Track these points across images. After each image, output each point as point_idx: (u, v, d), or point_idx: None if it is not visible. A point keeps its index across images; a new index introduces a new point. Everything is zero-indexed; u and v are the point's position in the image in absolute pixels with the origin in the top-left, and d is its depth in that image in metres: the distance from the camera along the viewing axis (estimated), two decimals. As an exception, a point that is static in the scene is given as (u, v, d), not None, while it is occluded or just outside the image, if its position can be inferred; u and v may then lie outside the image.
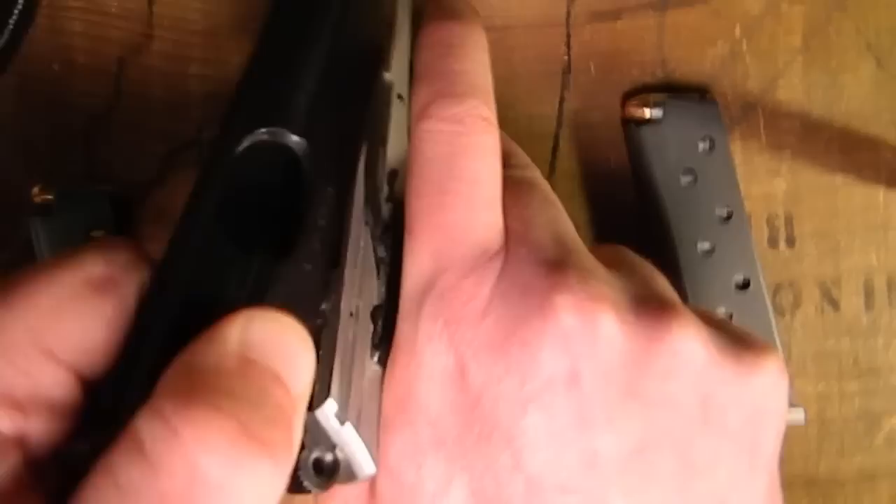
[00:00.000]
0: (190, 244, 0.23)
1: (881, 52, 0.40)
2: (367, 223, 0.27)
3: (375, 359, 0.27)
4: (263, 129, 0.25)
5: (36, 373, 0.21)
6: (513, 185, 0.29)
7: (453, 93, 0.28)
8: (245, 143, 0.25)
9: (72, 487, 0.18)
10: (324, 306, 0.24)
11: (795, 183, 0.41)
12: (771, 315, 0.39)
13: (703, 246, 0.39)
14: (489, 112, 0.29)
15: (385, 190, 0.29)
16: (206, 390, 0.19)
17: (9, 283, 0.22)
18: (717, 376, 0.26)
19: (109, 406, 0.21)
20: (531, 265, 0.26)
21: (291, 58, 0.27)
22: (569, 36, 0.40)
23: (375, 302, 0.27)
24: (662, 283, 0.30)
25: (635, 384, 0.25)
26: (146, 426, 0.18)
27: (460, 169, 0.27)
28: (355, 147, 0.28)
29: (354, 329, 0.26)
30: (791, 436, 0.41)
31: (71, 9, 0.39)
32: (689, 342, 0.26)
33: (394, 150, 0.30)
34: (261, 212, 0.25)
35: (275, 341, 0.21)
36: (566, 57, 0.40)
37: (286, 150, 0.25)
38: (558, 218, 0.29)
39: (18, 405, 0.20)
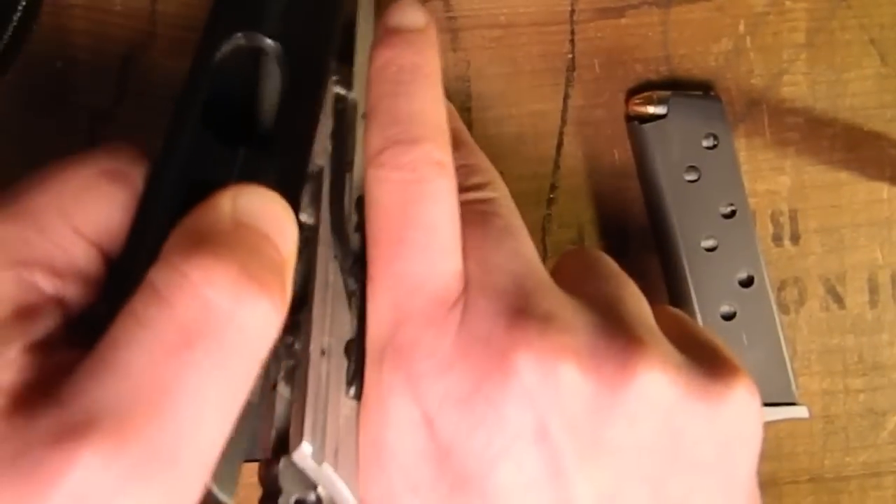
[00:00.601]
0: (180, 143, 0.26)
1: (885, 48, 0.40)
2: (335, 256, 0.28)
3: (351, 393, 0.27)
4: (240, 34, 0.27)
5: (69, 246, 0.24)
6: (471, 216, 0.28)
7: (405, 139, 0.28)
8: (224, 49, 0.27)
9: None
10: (303, 201, 0.27)
11: (800, 179, 0.41)
12: (775, 312, 0.39)
13: (707, 242, 0.39)
14: (442, 154, 0.28)
15: (354, 218, 0.29)
16: (207, 242, 0.22)
17: (38, 173, 0.25)
18: (687, 412, 0.26)
19: (124, 271, 0.24)
20: (491, 317, 0.26)
21: None
22: (573, 33, 0.40)
23: (348, 336, 0.28)
24: (632, 303, 0.29)
25: (603, 431, 0.25)
26: (159, 275, 0.21)
27: (415, 218, 0.27)
28: (327, 54, 0.29)
29: (328, 367, 0.26)
30: (796, 432, 0.41)
31: (74, 7, 0.39)
32: (654, 384, 0.26)
33: (362, 173, 0.30)
34: (243, 112, 0.28)
35: (263, 209, 0.24)
36: (570, 54, 0.40)
37: (262, 52, 0.28)
38: (518, 250, 0.28)
39: (57, 272, 0.24)
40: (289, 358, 0.26)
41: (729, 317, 0.38)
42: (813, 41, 0.40)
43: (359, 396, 0.27)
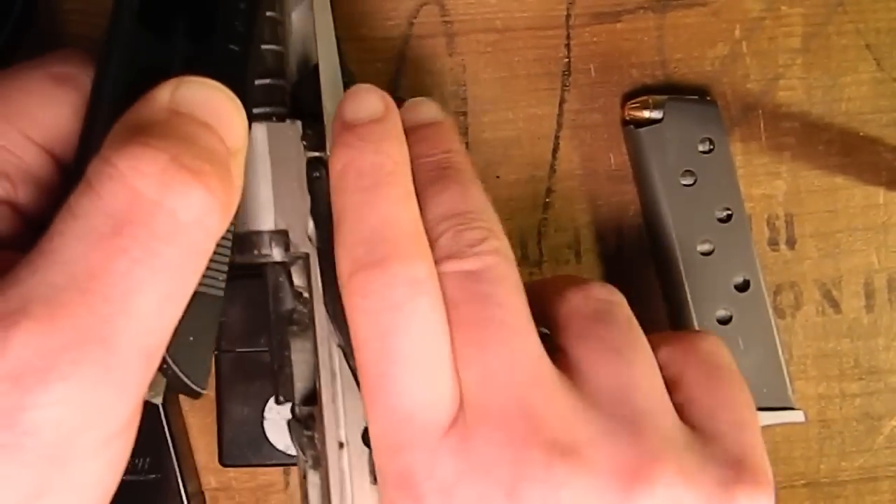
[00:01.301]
0: (118, 41, 0.26)
1: (881, 53, 0.41)
2: (338, 344, 0.28)
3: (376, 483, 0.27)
4: None
5: (18, 150, 0.25)
6: (465, 308, 0.26)
7: (371, 262, 0.26)
8: None
9: None
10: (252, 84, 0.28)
11: (796, 184, 0.41)
12: (771, 316, 0.39)
13: (703, 247, 0.39)
14: (415, 268, 0.26)
15: None
16: (139, 133, 0.22)
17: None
18: None
19: (76, 174, 0.24)
20: (494, 447, 0.25)
21: None
22: (569, 37, 0.40)
23: (363, 424, 0.27)
24: (644, 390, 0.27)
25: None
26: (93, 168, 0.22)
27: (393, 351, 0.25)
28: None
29: (348, 457, 0.26)
30: (792, 437, 0.41)
31: (70, 11, 0.39)
32: (669, 498, 0.25)
33: None
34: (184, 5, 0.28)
35: (203, 99, 0.24)
36: (566, 58, 0.40)
37: None
38: (518, 350, 0.26)
39: (7, 176, 0.25)
40: (312, 449, 0.27)
41: (725, 321, 0.38)
42: (809, 46, 0.40)
43: None
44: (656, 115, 0.39)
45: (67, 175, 0.26)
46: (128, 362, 0.22)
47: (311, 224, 0.28)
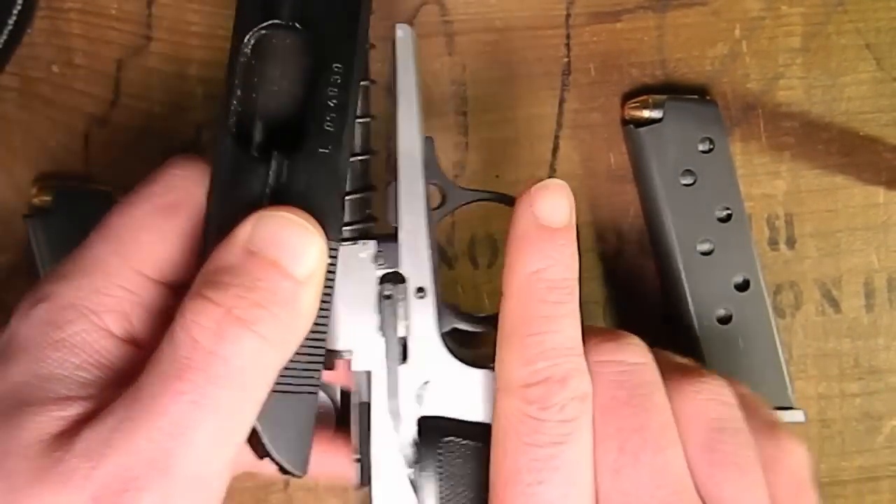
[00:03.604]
0: (221, 165, 0.29)
1: (881, 53, 0.41)
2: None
3: None
4: (262, 26, 0.29)
5: (134, 288, 0.28)
6: (622, 427, 0.28)
7: (556, 377, 0.28)
8: (250, 42, 0.29)
9: None
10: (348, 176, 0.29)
11: (795, 183, 0.41)
12: (771, 316, 0.39)
13: (703, 246, 0.39)
14: (586, 384, 0.28)
15: (415, 409, 0.30)
16: (207, 285, 0.26)
17: (100, 223, 0.29)
18: None
19: None
20: None
21: None
22: (568, 37, 0.40)
23: None
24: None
25: None
26: (175, 319, 0.26)
27: (561, 461, 0.27)
28: (357, 27, 0.30)
29: None
30: (792, 437, 0.41)
31: (70, 11, 0.39)
32: None
33: (420, 355, 0.30)
34: (280, 114, 0.30)
35: (275, 234, 0.27)
36: (566, 58, 0.40)
37: (287, 39, 0.29)
38: (668, 474, 0.28)
39: (126, 316, 0.28)
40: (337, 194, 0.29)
41: (725, 320, 0.38)
42: (808, 46, 0.40)
43: None
44: (656, 114, 0.39)
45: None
46: (185, 489, 0.25)
47: (381, 342, 0.30)
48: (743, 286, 0.39)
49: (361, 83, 0.30)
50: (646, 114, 0.39)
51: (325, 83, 0.29)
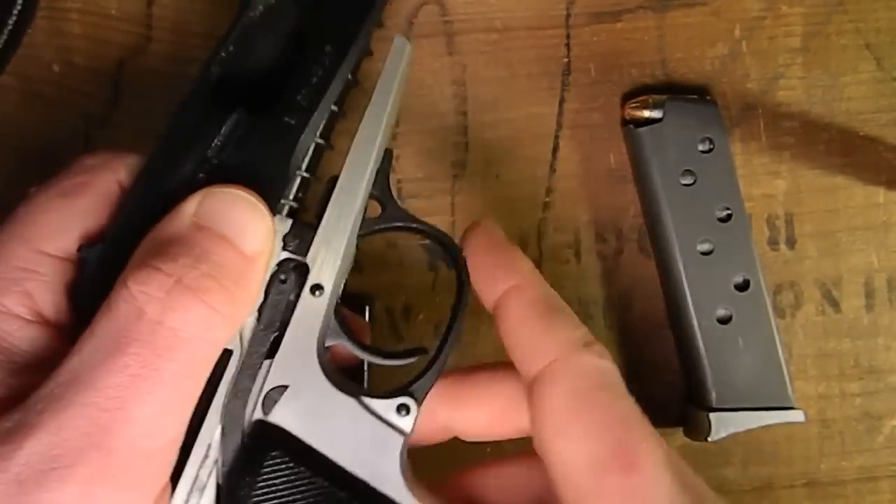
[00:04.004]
0: (185, 109, 0.29)
1: (881, 53, 0.40)
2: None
3: None
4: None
5: (33, 265, 0.28)
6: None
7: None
8: (259, 5, 0.30)
9: None
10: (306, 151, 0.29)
11: (796, 183, 0.41)
12: (771, 316, 0.39)
13: (703, 246, 0.39)
14: None
15: (258, 412, 0.28)
16: (154, 255, 0.25)
17: (11, 212, 0.29)
18: None
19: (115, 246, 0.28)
20: None
21: None
22: (568, 37, 0.40)
23: None
24: None
25: None
26: (115, 289, 0.25)
27: None
28: (361, 21, 0.30)
29: None
30: (792, 437, 0.41)
31: (70, 11, 0.39)
32: None
33: (289, 356, 0.28)
34: (260, 79, 0.30)
35: (225, 210, 0.26)
36: (566, 58, 0.40)
37: (292, 10, 0.30)
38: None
39: (29, 295, 0.27)
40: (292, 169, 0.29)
41: (725, 320, 0.38)
42: (808, 46, 0.40)
43: None
44: (656, 114, 0.39)
45: (103, 248, 0.28)
46: (125, 465, 0.24)
47: (251, 321, 0.28)
48: (743, 286, 0.39)
49: (346, 75, 0.30)
50: (646, 114, 0.39)
51: (311, 60, 0.29)
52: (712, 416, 0.38)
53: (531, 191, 0.40)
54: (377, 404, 0.28)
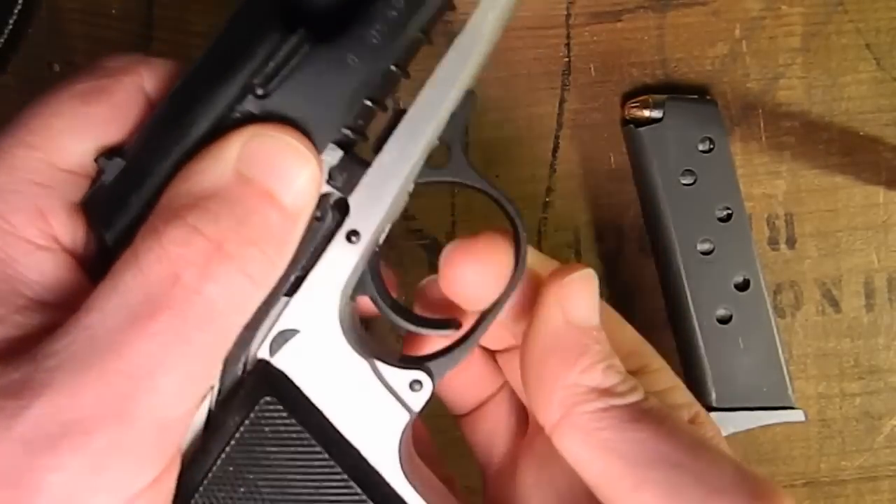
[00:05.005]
0: (238, 17, 0.24)
1: (881, 53, 0.41)
2: None
3: None
4: None
5: (47, 181, 0.24)
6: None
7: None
8: None
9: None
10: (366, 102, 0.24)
11: (796, 183, 0.41)
12: (771, 315, 0.39)
13: (703, 246, 0.39)
14: None
15: (263, 351, 0.26)
16: (192, 210, 0.22)
17: (18, 115, 0.25)
18: None
19: (138, 166, 0.24)
20: None
21: None
22: (569, 37, 0.40)
23: None
24: None
25: None
26: (142, 240, 0.22)
27: None
28: None
29: None
30: (792, 436, 0.41)
31: (71, 10, 0.39)
32: None
33: (308, 300, 0.26)
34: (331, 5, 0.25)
35: (271, 159, 0.23)
36: (566, 58, 0.40)
37: None
38: None
39: (41, 214, 0.24)
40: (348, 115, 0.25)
41: (725, 320, 0.38)
42: (809, 45, 0.40)
43: None
44: (656, 114, 0.39)
45: (126, 168, 0.25)
46: (143, 435, 0.22)
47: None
48: (743, 286, 0.39)
49: (434, 9, 0.26)
50: (646, 113, 0.39)
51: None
52: (712, 415, 0.38)
53: (532, 190, 0.40)
54: (390, 373, 0.26)
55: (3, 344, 0.23)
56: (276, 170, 0.23)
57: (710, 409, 0.38)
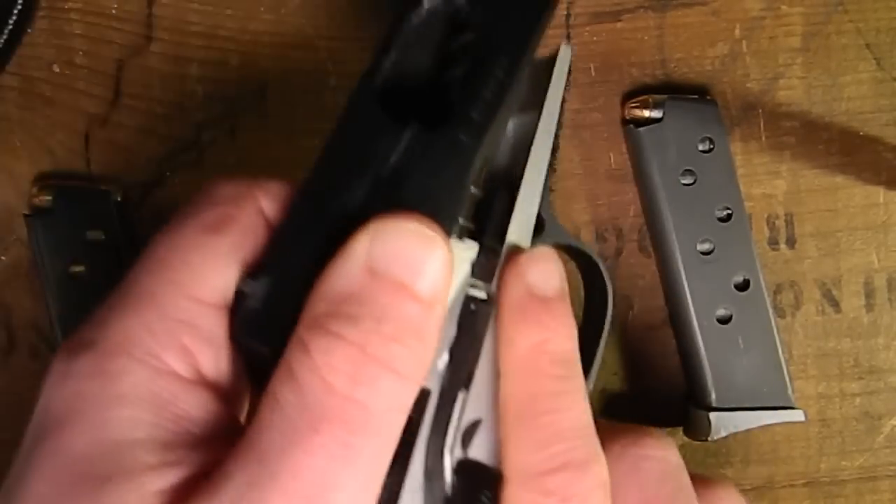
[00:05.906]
0: (353, 123, 0.25)
1: (881, 53, 0.41)
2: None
3: None
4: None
5: (190, 318, 0.24)
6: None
7: (575, 462, 0.25)
8: (424, 6, 0.26)
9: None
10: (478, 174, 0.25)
11: (796, 183, 0.41)
12: (771, 315, 0.39)
13: (703, 246, 0.39)
14: (605, 470, 0.25)
15: (457, 453, 0.26)
16: (332, 316, 0.23)
17: (142, 254, 0.25)
18: None
19: (268, 322, 0.24)
20: None
21: None
22: (569, 37, 0.40)
23: None
24: None
25: None
26: (293, 352, 0.23)
27: None
28: (533, 30, 0.27)
29: None
30: (792, 436, 0.41)
31: (71, 11, 0.39)
32: None
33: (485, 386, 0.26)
34: (425, 89, 0.26)
35: (399, 250, 0.23)
36: (566, 58, 0.40)
37: (456, 16, 0.26)
38: None
39: (187, 351, 0.24)
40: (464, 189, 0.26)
41: (725, 320, 0.38)
42: (809, 45, 0.40)
43: None
44: (656, 114, 0.39)
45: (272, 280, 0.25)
46: None
47: (444, 357, 0.26)
48: (743, 286, 0.39)
49: (519, 89, 0.27)
50: (646, 113, 0.39)
51: (486, 73, 0.26)
52: (712, 415, 0.38)
53: (531, 191, 0.40)
54: None
55: (188, 483, 0.22)
56: (405, 260, 0.23)
57: (710, 408, 0.38)
